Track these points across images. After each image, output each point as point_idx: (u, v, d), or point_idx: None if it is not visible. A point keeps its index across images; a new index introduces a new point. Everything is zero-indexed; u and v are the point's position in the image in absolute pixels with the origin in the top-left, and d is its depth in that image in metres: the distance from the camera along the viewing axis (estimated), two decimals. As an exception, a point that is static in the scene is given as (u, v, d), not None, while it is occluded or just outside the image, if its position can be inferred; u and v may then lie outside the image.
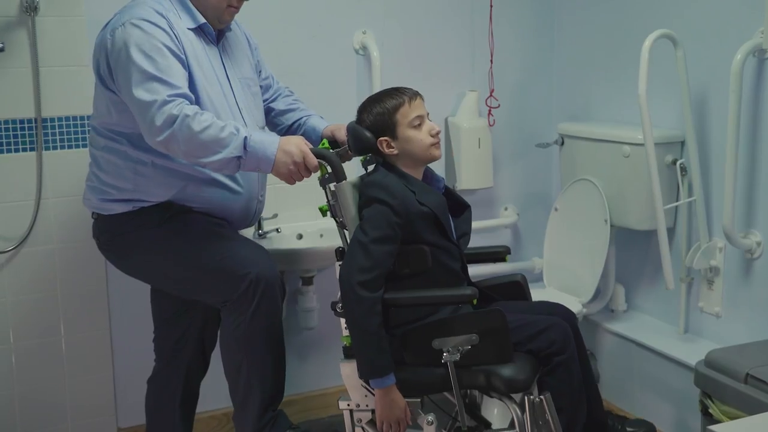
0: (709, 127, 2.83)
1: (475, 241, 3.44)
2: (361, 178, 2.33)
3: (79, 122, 2.83)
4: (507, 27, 3.42)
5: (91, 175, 2.48)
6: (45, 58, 2.76)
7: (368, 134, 2.26)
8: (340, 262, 2.23)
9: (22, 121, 2.78)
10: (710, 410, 2.45)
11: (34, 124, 2.79)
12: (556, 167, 3.51)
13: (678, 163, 2.88)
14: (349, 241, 2.24)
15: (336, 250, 2.28)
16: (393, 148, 2.27)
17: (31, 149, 2.79)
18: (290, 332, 3.25)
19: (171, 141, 2.18)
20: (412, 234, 2.21)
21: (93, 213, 2.49)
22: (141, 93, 2.19)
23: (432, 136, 2.28)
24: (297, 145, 2.24)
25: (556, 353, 2.17)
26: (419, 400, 2.26)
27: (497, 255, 2.56)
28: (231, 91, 2.43)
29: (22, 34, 2.74)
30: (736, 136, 2.59)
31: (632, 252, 3.21)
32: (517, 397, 2.17)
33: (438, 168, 3.39)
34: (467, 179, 3.37)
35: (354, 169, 2.70)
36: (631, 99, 2.75)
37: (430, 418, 2.20)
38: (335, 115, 3.22)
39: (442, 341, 2.11)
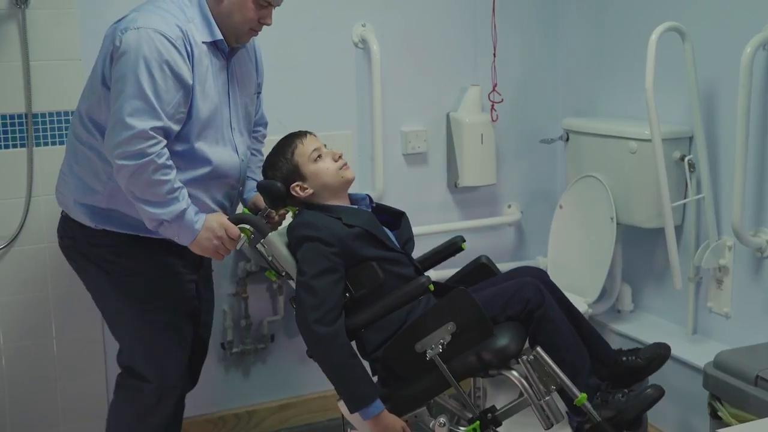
0: (718, 122, 2.83)
1: (477, 240, 3.47)
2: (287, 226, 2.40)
3: (70, 118, 2.83)
4: (510, 20, 3.42)
5: (65, 167, 2.45)
6: (36, 52, 2.76)
7: (278, 184, 2.37)
8: None
9: (12, 117, 2.78)
10: (719, 413, 2.45)
11: (24, 120, 2.79)
12: (560, 164, 3.51)
13: (686, 159, 2.87)
14: None
15: (290, 300, 2.35)
16: (307, 188, 2.39)
17: (22, 145, 2.79)
18: (290, 334, 3.26)
19: (124, 169, 2.19)
20: (353, 257, 2.28)
21: (62, 210, 2.48)
22: (126, 110, 2.17)
23: (335, 161, 2.40)
24: (216, 220, 2.33)
25: (534, 310, 2.23)
26: (425, 407, 2.29)
27: (453, 247, 2.59)
28: (228, 109, 2.42)
29: (12, 28, 2.74)
30: (745, 131, 2.59)
31: (639, 251, 3.21)
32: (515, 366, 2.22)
33: (439, 165, 3.42)
34: (469, 176, 3.38)
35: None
36: (638, 93, 2.75)
37: (442, 419, 2.24)
38: (333, 112, 3.24)
39: (422, 342, 2.17)
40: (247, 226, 2.35)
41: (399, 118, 3.34)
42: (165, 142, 2.22)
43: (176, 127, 2.25)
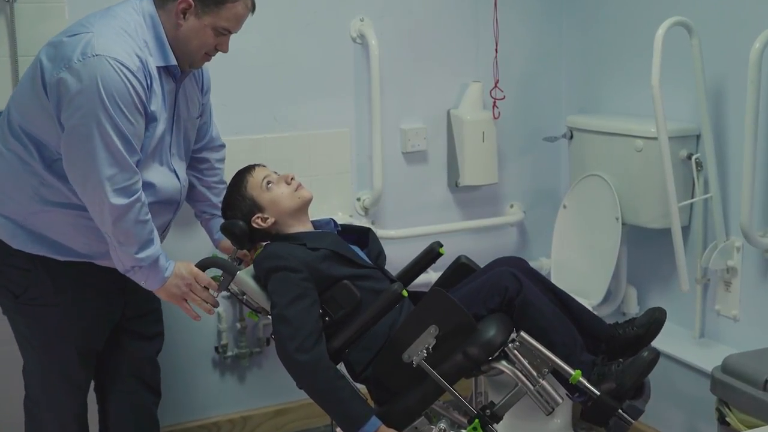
0: (726, 119, 2.83)
1: (478, 241, 3.47)
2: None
3: None
4: (512, 14, 3.42)
5: None
6: (24, 48, 2.75)
7: (239, 222, 2.42)
8: None
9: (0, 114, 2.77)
10: (727, 418, 2.45)
11: (12, 117, 2.78)
12: (564, 162, 3.51)
13: (693, 157, 2.87)
14: None
15: (270, 335, 2.38)
16: (267, 218, 2.43)
17: (10, 143, 2.79)
18: (284, 337, 3.25)
19: (114, 210, 2.15)
20: (324, 279, 2.30)
21: None
22: (109, 146, 2.13)
23: (288, 183, 2.44)
24: (186, 268, 2.35)
25: (513, 297, 2.24)
26: (423, 417, 2.30)
27: (432, 254, 2.60)
28: (171, 135, 2.38)
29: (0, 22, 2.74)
30: (754, 129, 2.59)
31: (645, 252, 3.21)
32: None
33: (440, 163, 3.42)
34: (471, 175, 3.38)
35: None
36: (644, 90, 2.75)
37: (442, 425, 2.26)
38: (330, 109, 3.24)
39: (409, 351, 2.18)
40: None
41: (398, 116, 3.34)
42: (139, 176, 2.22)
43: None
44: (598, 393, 2.18)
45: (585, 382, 2.18)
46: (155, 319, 2.66)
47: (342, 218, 2.82)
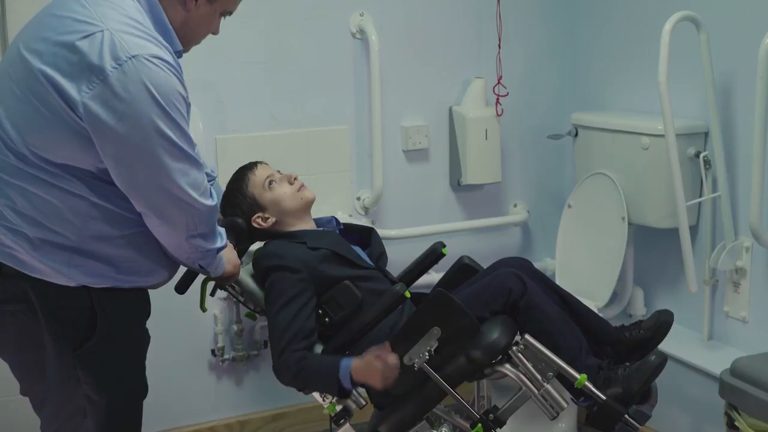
0: (735, 116, 2.82)
1: (481, 242, 3.47)
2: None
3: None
4: (516, 9, 3.42)
5: (6, 214, 1.94)
6: (16, 43, 2.75)
7: (239, 220, 2.40)
8: None
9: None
10: (736, 423, 2.45)
11: (4, 114, 2.76)
12: (569, 160, 3.51)
13: (701, 155, 2.87)
14: None
15: (265, 341, 2.35)
16: (268, 217, 2.43)
17: (2, 141, 2.77)
18: (282, 339, 3.25)
19: (208, 210, 1.99)
20: (324, 279, 2.31)
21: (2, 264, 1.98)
22: (182, 146, 1.91)
23: (291, 183, 2.44)
24: None
25: (518, 299, 2.24)
26: (425, 421, 2.29)
27: (434, 254, 2.60)
28: None
29: (-9, 17, 2.73)
30: (764, 126, 2.58)
31: (652, 252, 3.21)
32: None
33: (442, 162, 3.42)
34: (473, 173, 3.37)
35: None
36: (651, 86, 2.75)
37: (444, 429, 2.27)
38: (330, 106, 3.23)
39: (410, 354, 2.17)
40: None
41: (399, 113, 3.33)
42: None
43: None
44: (604, 398, 2.18)
45: (590, 386, 2.18)
46: None
47: (341, 218, 2.82)
